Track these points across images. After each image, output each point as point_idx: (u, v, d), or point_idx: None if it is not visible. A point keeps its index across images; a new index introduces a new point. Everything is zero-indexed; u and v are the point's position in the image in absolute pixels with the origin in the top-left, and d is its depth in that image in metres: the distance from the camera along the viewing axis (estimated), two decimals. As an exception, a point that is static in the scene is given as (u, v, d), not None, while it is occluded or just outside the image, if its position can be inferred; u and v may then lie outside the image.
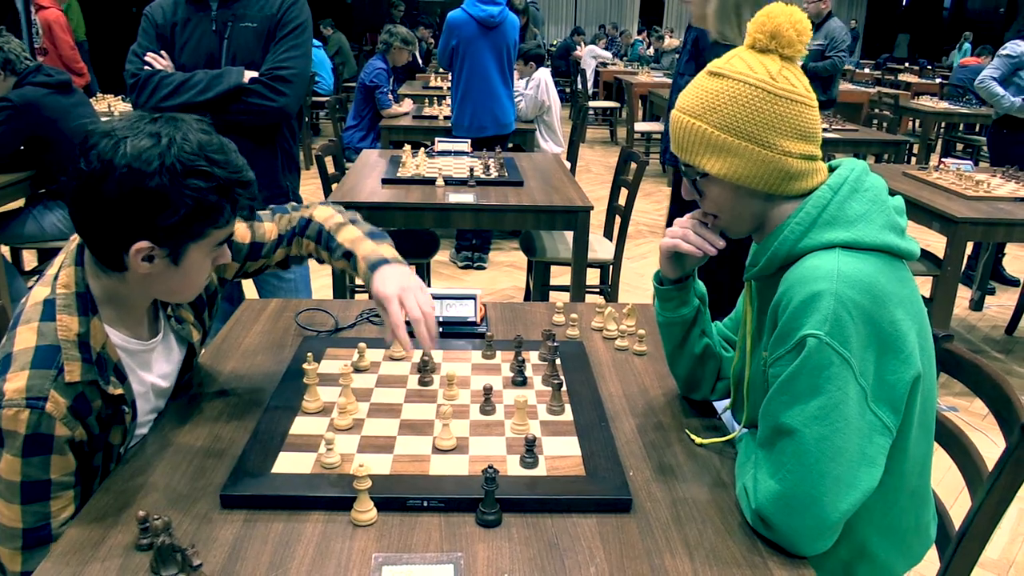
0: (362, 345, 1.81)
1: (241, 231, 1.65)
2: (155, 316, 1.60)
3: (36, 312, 1.37)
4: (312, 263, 1.93)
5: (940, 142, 9.98)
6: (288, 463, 1.42)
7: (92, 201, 1.30)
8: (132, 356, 1.51)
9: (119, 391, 1.42)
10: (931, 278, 3.90)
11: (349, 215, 1.77)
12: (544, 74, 6.07)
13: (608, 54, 13.30)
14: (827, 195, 1.34)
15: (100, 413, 1.39)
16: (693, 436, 1.57)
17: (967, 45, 16.10)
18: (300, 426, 1.54)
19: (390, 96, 6.02)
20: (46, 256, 4.39)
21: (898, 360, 1.27)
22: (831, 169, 1.43)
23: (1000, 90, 5.15)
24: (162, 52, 2.63)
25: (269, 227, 1.77)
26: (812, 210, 1.33)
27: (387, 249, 1.66)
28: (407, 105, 6.22)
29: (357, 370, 1.76)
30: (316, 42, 9.52)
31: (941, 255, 3.76)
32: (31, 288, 1.43)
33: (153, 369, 1.58)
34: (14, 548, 1.32)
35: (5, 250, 4.27)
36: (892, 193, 1.41)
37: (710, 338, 1.67)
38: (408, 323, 1.51)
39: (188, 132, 1.34)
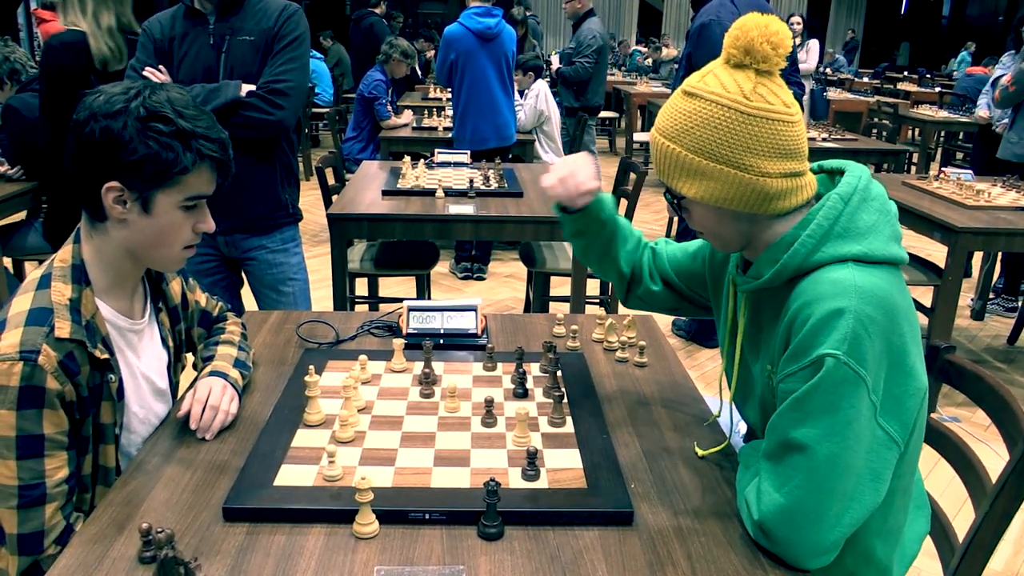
0: (363, 357, 1.81)
1: (210, 221, 1.65)
2: (144, 303, 1.67)
3: (32, 284, 1.47)
4: (312, 274, 1.94)
5: (940, 151, 10.00)
6: (290, 476, 1.42)
7: (75, 145, 1.43)
8: (121, 334, 1.58)
9: (105, 356, 1.47)
10: (932, 288, 3.89)
11: (240, 340, 1.87)
12: (542, 85, 6.09)
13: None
14: (839, 206, 1.30)
15: (89, 380, 1.45)
16: (696, 448, 1.57)
17: (964, 54, 16.12)
18: (302, 439, 1.54)
19: (389, 107, 6.03)
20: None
21: (904, 373, 1.27)
22: (828, 171, 1.41)
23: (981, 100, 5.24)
24: (160, 66, 2.63)
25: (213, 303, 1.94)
26: (824, 222, 1.30)
27: (233, 372, 1.73)
28: (407, 116, 6.22)
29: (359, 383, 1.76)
30: (317, 54, 9.52)
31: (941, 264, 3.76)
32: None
33: (140, 354, 1.63)
34: (10, 507, 1.35)
35: (7, 262, 4.27)
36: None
37: (624, 255, 1.75)
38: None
39: (160, 89, 1.47)
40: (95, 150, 1.41)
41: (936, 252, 4.91)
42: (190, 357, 1.87)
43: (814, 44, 8.98)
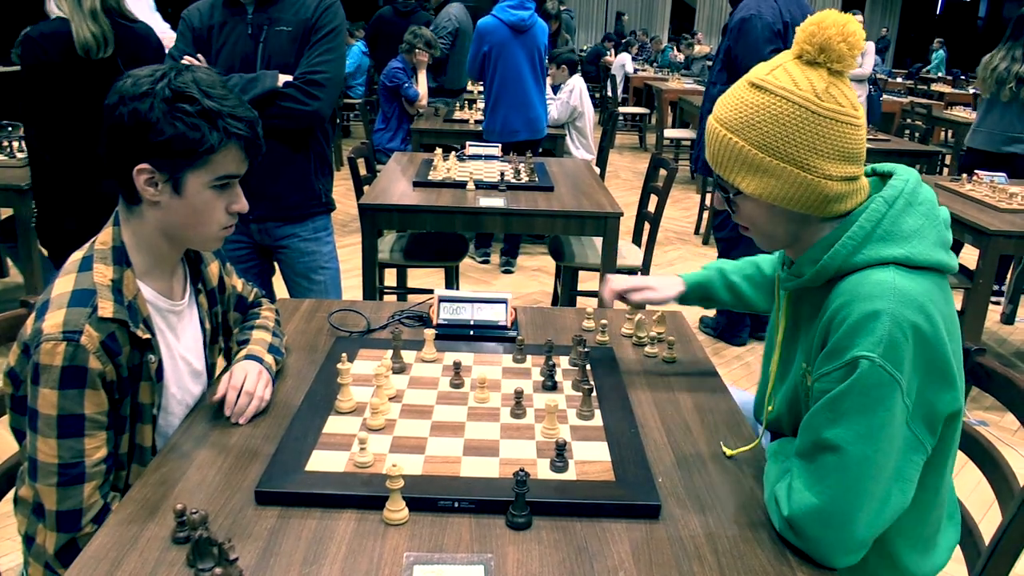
0: (388, 358, 1.82)
1: (243, 201, 1.65)
2: (184, 285, 1.69)
3: (74, 266, 1.49)
4: (341, 264, 1.96)
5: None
6: (322, 461, 1.44)
7: (106, 128, 1.46)
8: (161, 315, 1.60)
9: (147, 336, 1.50)
10: (962, 291, 3.86)
11: (274, 326, 1.90)
12: (578, 81, 6.09)
13: (630, 67, 13.20)
14: (881, 209, 1.29)
15: (129, 360, 1.47)
16: (724, 448, 1.57)
17: (939, 52, 16.23)
18: (333, 425, 1.56)
19: (415, 87, 6.02)
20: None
21: (943, 381, 1.26)
22: (880, 175, 1.39)
23: None
24: (199, 55, 2.66)
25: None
26: (866, 224, 1.29)
27: (268, 357, 1.76)
28: (423, 84, 6.17)
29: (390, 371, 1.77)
30: (364, 47, 9.46)
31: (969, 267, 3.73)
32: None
33: (179, 335, 1.65)
34: (49, 484, 1.38)
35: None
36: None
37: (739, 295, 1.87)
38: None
39: (187, 71, 1.48)
40: (124, 133, 1.43)
41: (967, 255, 4.86)
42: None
43: (870, 46, 8.77)
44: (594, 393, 1.70)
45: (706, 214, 6.58)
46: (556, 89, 6.16)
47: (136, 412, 1.52)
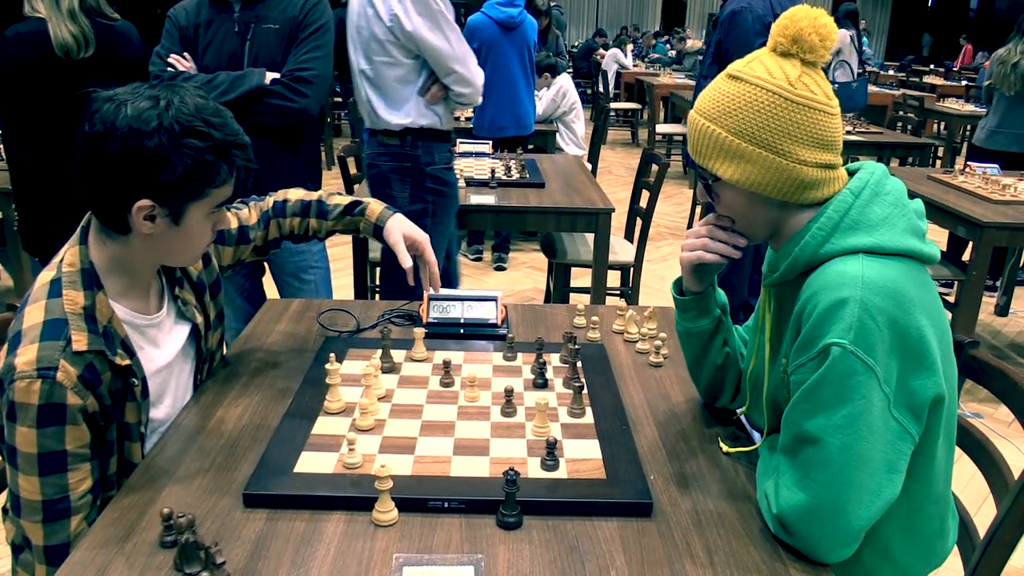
0: (385, 345, 1.81)
1: (227, 218, 1.64)
2: (160, 294, 1.63)
3: (43, 292, 1.41)
4: (332, 263, 1.95)
5: (965, 145, 9.88)
6: (310, 463, 1.42)
7: (96, 162, 1.36)
8: (139, 332, 1.54)
9: (126, 362, 1.45)
10: (956, 283, 3.86)
11: (321, 195, 1.95)
12: (565, 79, 6.09)
13: (628, 61, 13.21)
14: (848, 199, 1.31)
15: (111, 386, 1.42)
16: (721, 445, 1.56)
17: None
18: (322, 426, 1.55)
19: None
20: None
21: (921, 367, 1.25)
22: (850, 173, 1.41)
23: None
24: (185, 53, 2.64)
25: (247, 213, 1.89)
26: (834, 215, 1.31)
27: (378, 204, 1.91)
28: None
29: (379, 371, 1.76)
30: None
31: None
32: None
33: (161, 346, 1.60)
34: (35, 521, 1.35)
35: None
36: (912, 196, 1.39)
37: (731, 348, 1.65)
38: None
39: (185, 96, 1.40)
40: (123, 169, 1.35)
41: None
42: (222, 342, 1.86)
43: (841, 34, 8.79)
44: (585, 390, 1.69)
45: (699, 209, 6.57)
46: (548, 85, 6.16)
47: (123, 432, 1.47)
